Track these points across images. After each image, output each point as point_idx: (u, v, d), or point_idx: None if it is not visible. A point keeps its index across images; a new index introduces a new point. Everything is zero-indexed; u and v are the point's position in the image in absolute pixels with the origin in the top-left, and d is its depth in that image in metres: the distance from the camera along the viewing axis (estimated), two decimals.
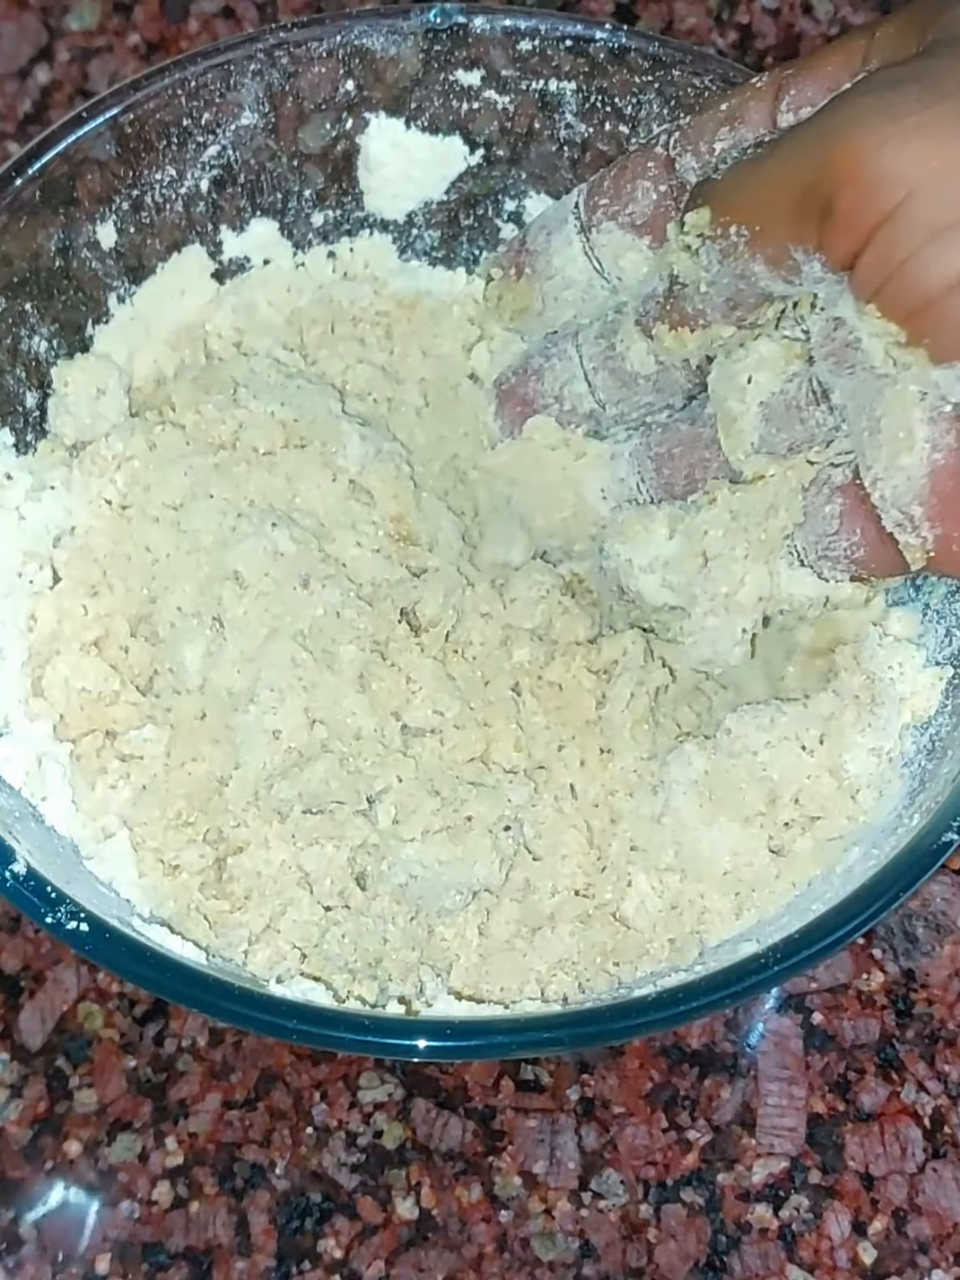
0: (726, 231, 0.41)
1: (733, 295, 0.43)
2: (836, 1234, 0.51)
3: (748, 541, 0.47)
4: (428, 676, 0.51)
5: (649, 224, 0.47)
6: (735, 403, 0.46)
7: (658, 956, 0.48)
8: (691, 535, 0.48)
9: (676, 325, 0.45)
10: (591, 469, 0.52)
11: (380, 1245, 0.51)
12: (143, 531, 0.53)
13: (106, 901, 0.46)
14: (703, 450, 0.49)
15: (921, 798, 0.47)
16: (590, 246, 0.49)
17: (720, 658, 0.49)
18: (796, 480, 0.46)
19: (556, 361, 0.52)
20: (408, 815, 0.49)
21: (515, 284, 0.51)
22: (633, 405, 0.51)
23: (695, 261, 0.43)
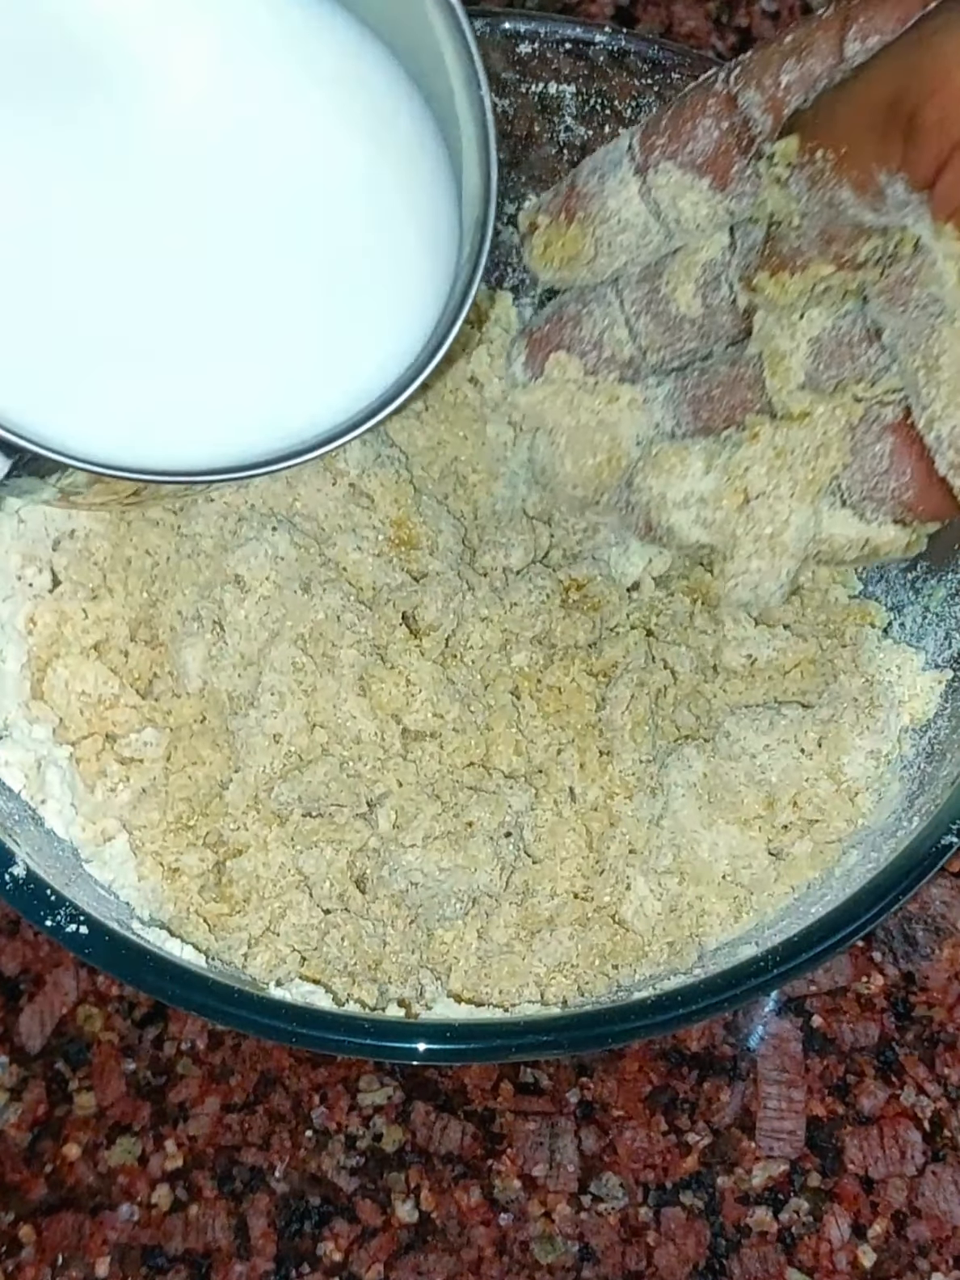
0: (813, 157, 0.40)
1: (826, 227, 0.42)
2: (836, 1237, 0.51)
3: (793, 480, 0.46)
4: (427, 680, 0.51)
5: (710, 163, 0.46)
6: (785, 340, 0.45)
7: (657, 959, 0.48)
8: (730, 471, 0.46)
9: (777, 270, 0.44)
10: (626, 413, 0.50)
11: (379, 1248, 0.51)
12: (143, 535, 0.53)
13: (106, 905, 0.46)
14: (744, 392, 0.48)
15: (920, 800, 0.47)
16: (647, 188, 0.47)
17: (760, 601, 0.47)
18: (845, 418, 0.45)
19: (595, 307, 0.50)
20: (408, 820, 0.49)
21: (565, 230, 0.49)
22: (674, 352, 0.49)
23: (786, 194, 0.42)
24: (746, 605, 0.48)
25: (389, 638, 0.52)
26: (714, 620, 0.53)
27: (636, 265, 0.49)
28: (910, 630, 0.53)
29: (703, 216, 0.46)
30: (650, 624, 0.54)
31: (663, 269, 0.48)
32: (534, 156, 0.59)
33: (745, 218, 0.47)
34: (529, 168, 0.59)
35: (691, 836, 0.50)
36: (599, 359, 0.50)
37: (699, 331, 0.49)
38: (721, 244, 0.47)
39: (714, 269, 0.47)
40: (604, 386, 0.50)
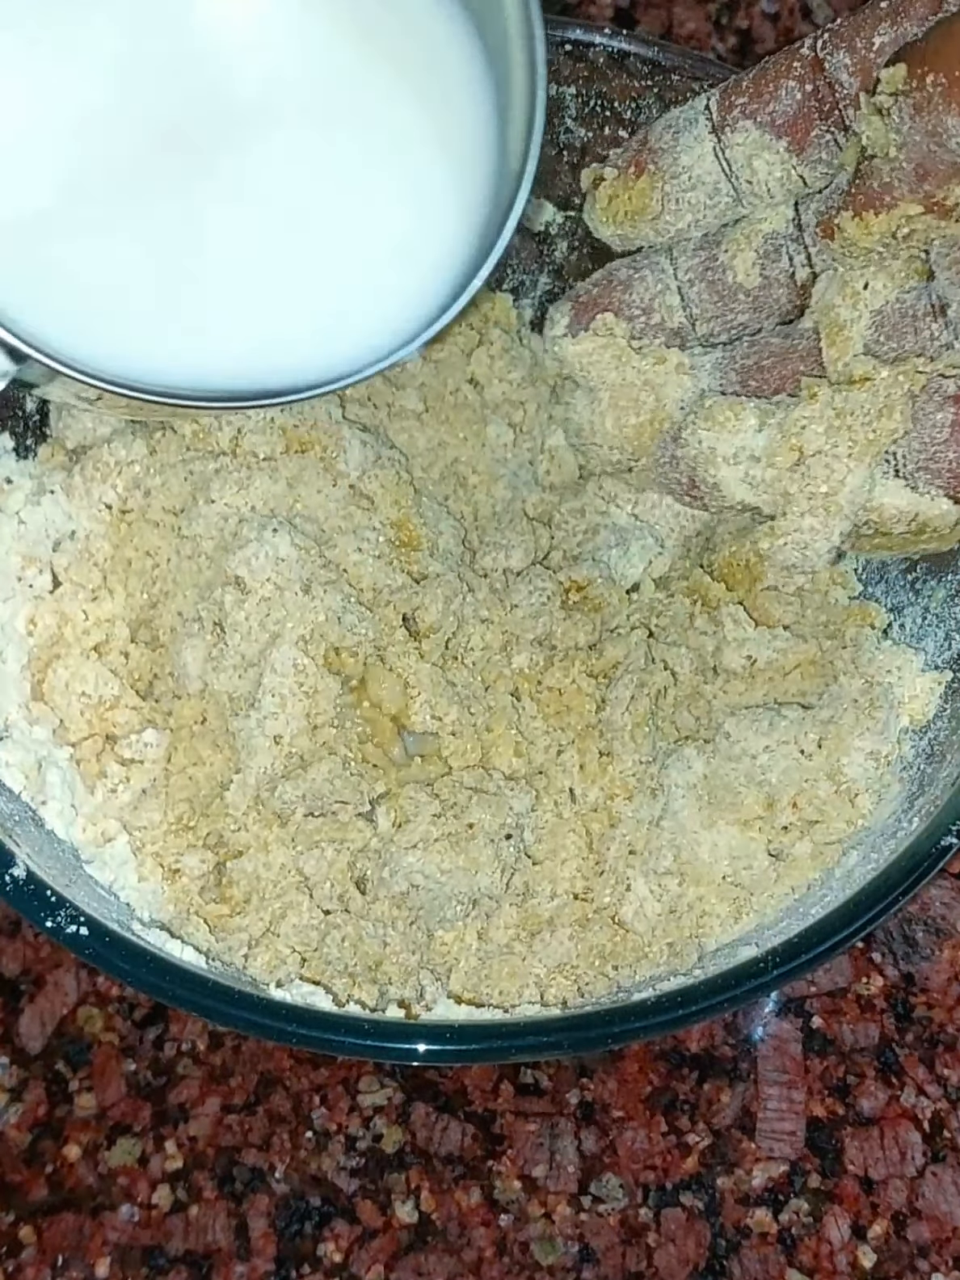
0: (923, 83, 0.40)
1: (923, 160, 0.41)
2: (836, 1238, 0.51)
3: (852, 440, 0.45)
4: (426, 683, 0.51)
5: (789, 125, 0.46)
6: (846, 309, 0.45)
7: (657, 960, 0.48)
8: (786, 429, 0.46)
9: (862, 210, 0.43)
10: (673, 375, 0.50)
11: (380, 1249, 0.51)
12: (143, 536, 0.54)
13: (106, 905, 0.47)
14: (796, 363, 0.48)
15: (920, 801, 0.47)
16: (722, 147, 0.47)
17: (808, 562, 0.47)
18: (908, 385, 0.45)
19: (648, 272, 0.50)
20: (408, 820, 0.50)
21: (634, 183, 0.49)
22: (725, 324, 0.49)
23: (886, 124, 0.41)
24: (793, 567, 0.48)
25: (389, 639, 0.52)
26: (714, 621, 0.54)
27: (699, 228, 0.48)
28: (910, 631, 0.53)
29: (775, 180, 0.46)
30: (650, 625, 0.54)
31: (722, 238, 0.48)
32: None
33: (815, 189, 0.46)
34: None
35: (691, 837, 0.50)
36: (647, 324, 0.50)
37: (753, 303, 0.48)
38: (786, 216, 0.47)
39: (775, 241, 0.47)
40: (651, 349, 0.49)
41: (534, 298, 0.61)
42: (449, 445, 0.58)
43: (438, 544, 0.55)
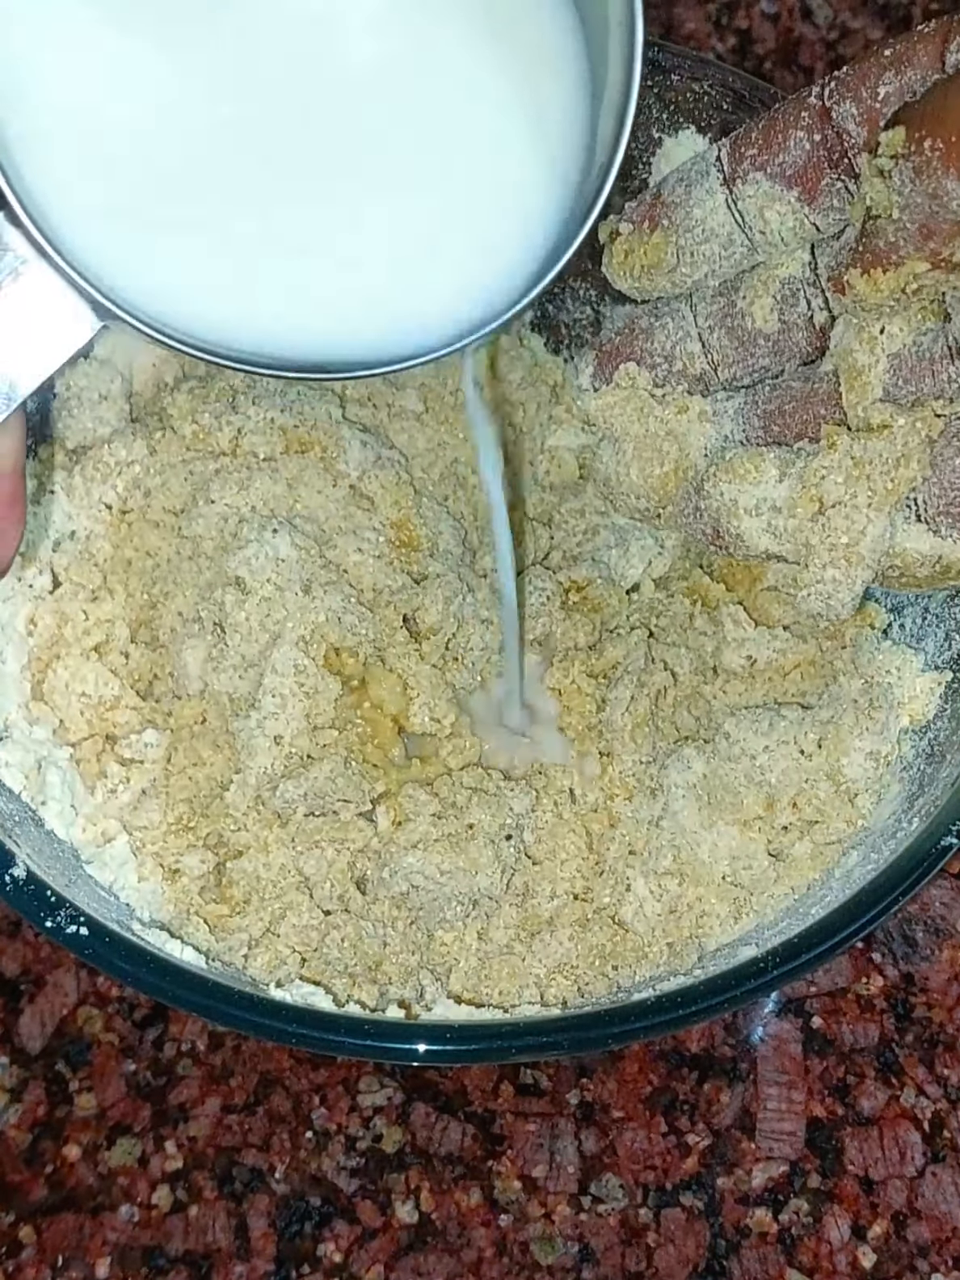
0: (921, 147, 0.40)
1: (926, 221, 0.42)
2: (836, 1238, 0.51)
3: (871, 490, 0.45)
4: (425, 684, 0.51)
5: (799, 175, 0.46)
6: (864, 354, 0.45)
7: (656, 960, 0.48)
8: (806, 479, 0.46)
9: (869, 268, 0.43)
10: (695, 424, 0.50)
11: (379, 1249, 0.51)
12: (143, 536, 0.54)
13: (106, 906, 0.47)
14: (818, 407, 0.48)
15: (920, 802, 0.47)
16: (734, 198, 0.47)
17: (832, 611, 0.47)
18: (925, 431, 0.45)
19: (668, 320, 0.50)
20: (408, 820, 0.50)
21: (649, 238, 0.49)
22: (746, 369, 0.49)
23: (888, 185, 0.42)
24: (818, 616, 0.48)
25: (390, 640, 0.52)
26: (713, 622, 0.54)
27: (716, 278, 0.49)
28: (910, 632, 0.53)
29: (788, 229, 0.46)
30: (650, 625, 0.54)
31: (740, 284, 0.48)
32: None
33: (829, 235, 0.47)
34: None
35: (691, 837, 0.50)
36: (669, 372, 0.50)
37: (773, 348, 0.49)
38: (802, 261, 0.47)
39: (792, 285, 0.47)
40: (674, 397, 0.50)
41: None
42: (449, 445, 0.58)
43: (438, 544, 0.55)
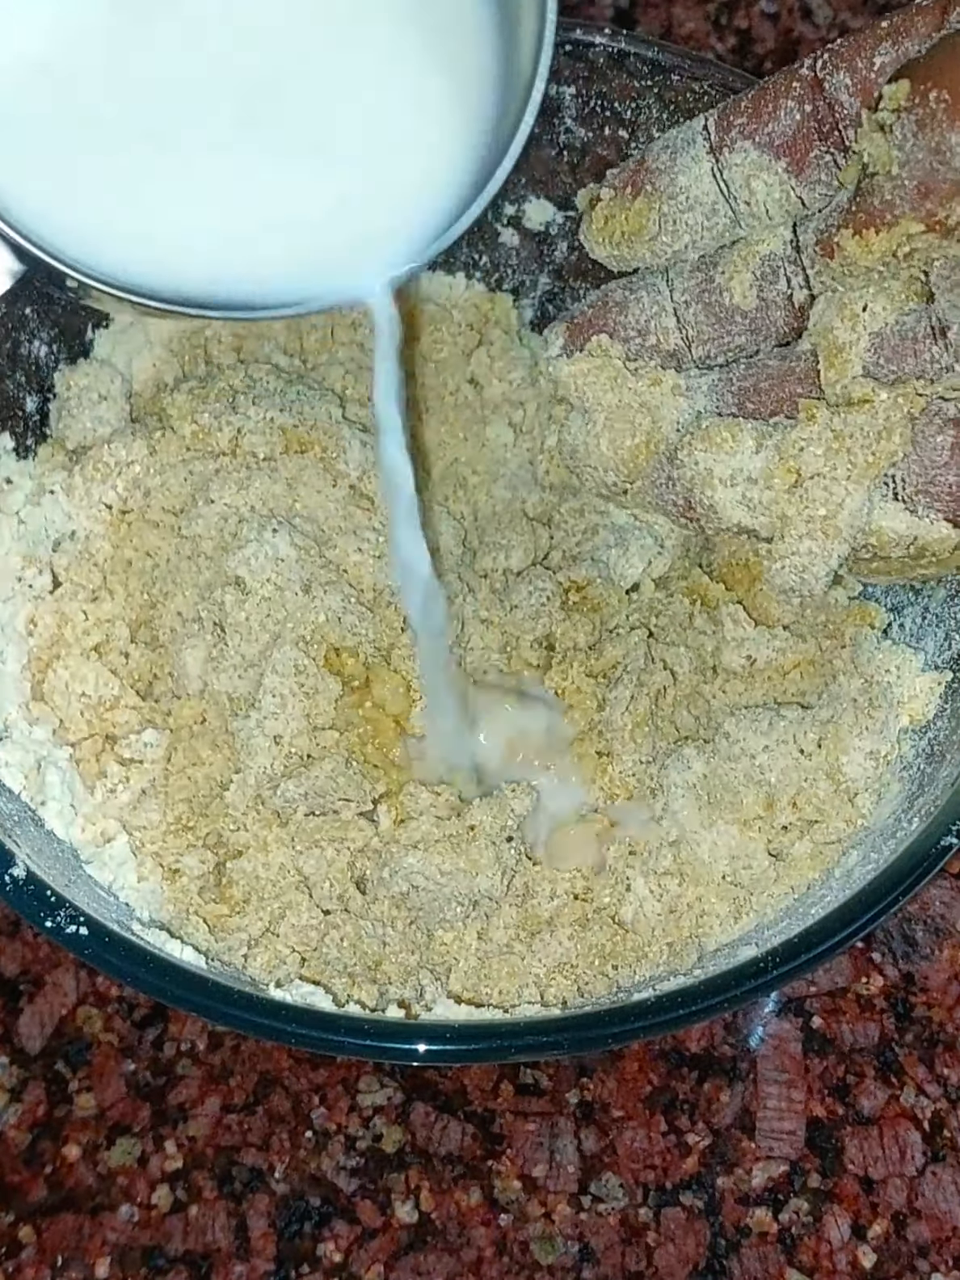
0: (926, 99, 0.40)
1: (925, 178, 0.41)
2: (836, 1238, 0.51)
3: (851, 463, 0.45)
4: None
5: (788, 145, 0.45)
6: (844, 331, 0.45)
7: (656, 960, 0.48)
8: (784, 451, 0.46)
9: (862, 228, 0.43)
10: (669, 397, 0.49)
11: (379, 1249, 0.51)
12: (143, 536, 0.54)
13: (106, 905, 0.46)
14: (794, 385, 0.47)
15: (920, 801, 0.47)
16: (720, 167, 0.47)
17: (806, 586, 0.47)
18: (908, 407, 0.44)
19: (643, 294, 0.49)
20: (409, 820, 0.50)
21: (631, 204, 0.48)
22: (721, 346, 0.49)
23: (887, 139, 0.41)
24: (790, 591, 0.47)
25: (393, 640, 0.52)
26: (714, 621, 0.54)
27: (696, 250, 0.48)
28: (910, 631, 0.53)
29: (774, 201, 0.46)
30: (650, 625, 0.54)
31: (719, 259, 0.48)
32: (534, 158, 0.59)
33: (814, 210, 0.46)
34: (529, 169, 0.59)
35: (691, 837, 0.50)
36: (642, 346, 0.49)
37: (750, 326, 0.48)
38: (784, 238, 0.46)
39: (773, 262, 0.47)
40: (646, 370, 0.49)
41: (534, 298, 0.62)
42: (449, 445, 0.58)
43: (438, 544, 0.55)
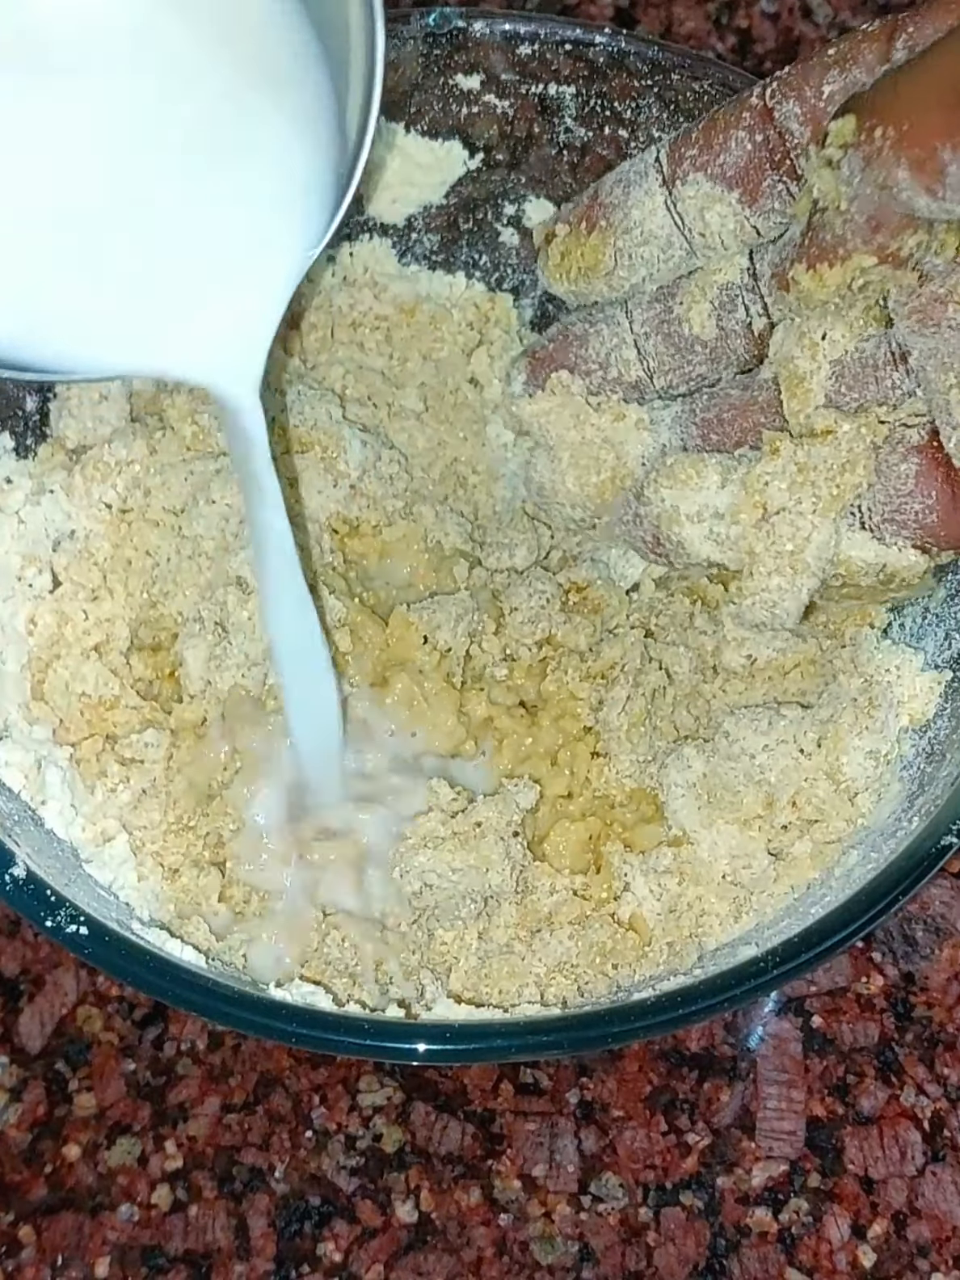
0: (871, 136, 0.40)
1: (875, 213, 0.41)
2: (836, 1237, 0.51)
3: (816, 496, 0.45)
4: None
5: (740, 176, 0.45)
6: (805, 361, 0.45)
7: (657, 960, 0.48)
8: (749, 485, 0.45)
9: (816, 262, 0.43)
10: (633, 432, 0.49)
11: (379, 1249, 0.51)
12: (143, 536, 0.54)
13: (106, 905, 0.46)
14: (757, 415, 0.47)
15: (920, 801, 0.47)
16: (674, 200, 0.46)
17: (777, 620, 0.47)
18: (870, 437, 0.44)
19: (603, 327, 0.49)
20: (415, 818, 0.50)
21: (585, 239, 0.48)
22: (683, 376, 0.49)
23: (836, 175, 0.41)
24: (762, 625, 0.47)
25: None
26: (714, 621, 0.54)
27: (654, 282, 0.48)
28: (910, 631, 0.52)
29: (728, 232, 0.46)
30: (650, 625, 0.54)
31: (677, 290, 0.48)
32: (534, 157, 0.59)
33: (768, 239, 0.46)
34: (529, 169, 0.59)
35: (691, 837, 0.50)
36: (604, 379, 0.49)
37: (710, 355, 0.48)
38: (740, 266, 0.47)
39: (731, 291, 0.47)
40: (609, 405, 0.49)
41: (534, 298, 0.62)
42: (449, 444, 0.58)
43: (442, 545, 0.55)
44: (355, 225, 0.60)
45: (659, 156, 0.47)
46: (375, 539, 0.54)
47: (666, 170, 0.46)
